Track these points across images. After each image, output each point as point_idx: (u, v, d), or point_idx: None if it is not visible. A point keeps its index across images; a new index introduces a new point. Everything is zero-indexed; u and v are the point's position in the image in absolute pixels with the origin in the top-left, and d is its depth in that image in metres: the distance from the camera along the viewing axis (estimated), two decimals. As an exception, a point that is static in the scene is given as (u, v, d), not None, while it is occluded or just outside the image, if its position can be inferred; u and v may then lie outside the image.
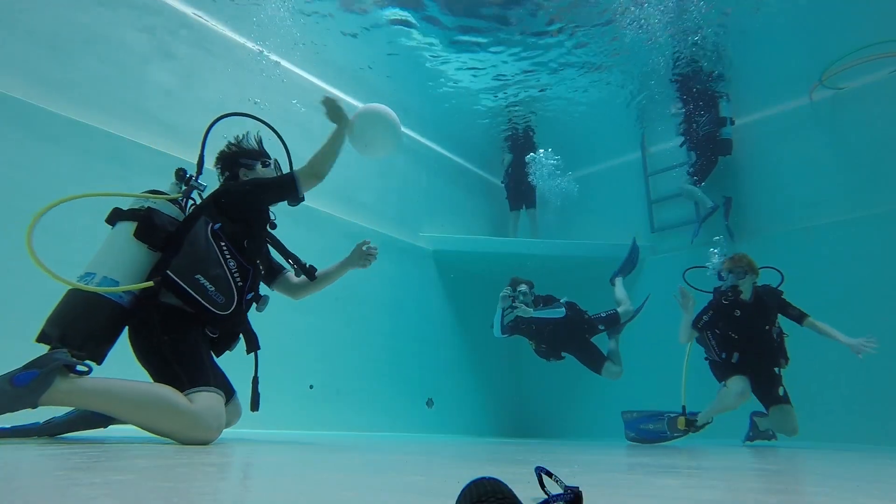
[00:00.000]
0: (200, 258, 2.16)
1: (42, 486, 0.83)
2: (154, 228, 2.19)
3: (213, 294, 2.14)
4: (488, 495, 0.55)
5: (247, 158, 2.62)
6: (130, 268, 2.13)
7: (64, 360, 1.78)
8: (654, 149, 7.14)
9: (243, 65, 4.91)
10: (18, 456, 1.27)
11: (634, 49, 6.01)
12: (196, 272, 2.13)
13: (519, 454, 2.27)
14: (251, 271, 2.35)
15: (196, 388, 1.98)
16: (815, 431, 4.75)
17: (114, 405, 1.88)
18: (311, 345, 4.68)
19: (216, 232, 2.25)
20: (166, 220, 2.26)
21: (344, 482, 1.08)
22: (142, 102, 4.10)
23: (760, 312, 3.99)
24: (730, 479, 1.47)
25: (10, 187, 3.22)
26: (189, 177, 2.39)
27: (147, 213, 2.21)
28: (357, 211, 5.60)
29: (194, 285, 2.11)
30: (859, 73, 5.32)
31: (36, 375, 1.72)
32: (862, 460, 2.36)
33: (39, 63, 3.58)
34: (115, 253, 2.14)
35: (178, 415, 1.88)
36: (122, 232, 2.18)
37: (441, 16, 5.54)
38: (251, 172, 2.60)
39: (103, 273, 2.06)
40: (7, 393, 1.69)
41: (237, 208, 2.39)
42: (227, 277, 2.20)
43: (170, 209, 2.30)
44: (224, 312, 2.17)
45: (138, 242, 2.16)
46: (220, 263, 2.20)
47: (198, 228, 2.21)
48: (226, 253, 2.24)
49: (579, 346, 5.08)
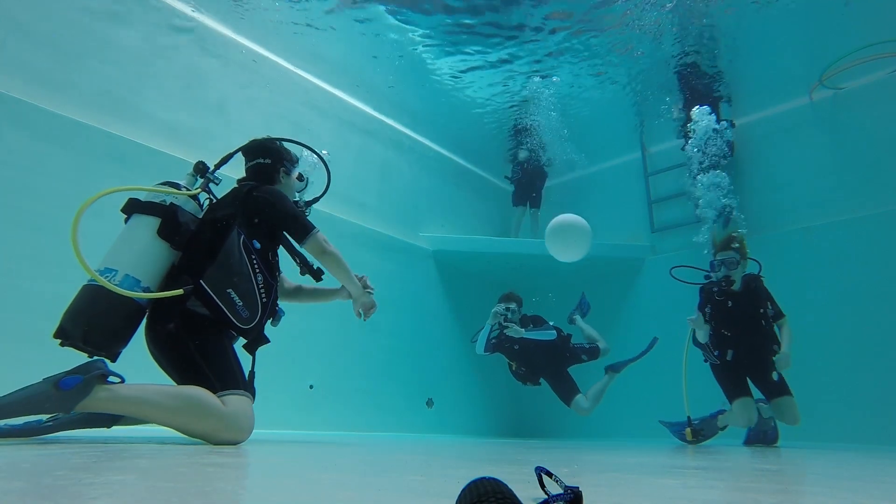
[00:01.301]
0: (235, 272, 2.16)
1: (42, 486, 0.83)
2: (178, 227, 2.17)
3: (241, 309, 2.16)
4: (488, 495, 0.55)
5: (291, 164, 2.68)
6: (153, 266, 2.12)
7: (104, 370, 1.85)
8: (654, 149, 7.14)
9: (243, 64, 4.91)
10: (18, 456, 1.27)
11: (635, 49, 6.01)
12: (229, 286, 2.13)
13: (519, 454, 2.27)
14: (274, 286, 2.37)
15: (228, 390, 2.03)
16: (816, 431, 4.75)
17: (149, 411, 1.92)
18: (311, 345, 4.67)
19: (248, 245, 2.24)
20: (189, 218, 2.25)
21: (344, 482, 1.08)
22: (142, 102, 4.10)
23: (751, 301, 4.00)
24: (730, 479, 1.47)
25: (10, 187, 3.22)
26: (208, 169, 2.37)
27: (171, 209, 2.18)
28: (357, 211, 5.60)
29: (225, 299, 2.12)
30: (859, 73, 5.32)
31: (80, 381, 1.80)
32: (862, 460, 2.36)
33: (39, 63, 3.58)
34: (136, 249, 2.11)
35: (212, 417, 1.94)
36: (144, 227, 2.14)
37: (441, 14, 5.54)
38: (285, 178, 2.65)
39: (125, 271, 2.03)
40: (51, 396, 1.77)
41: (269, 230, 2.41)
42: (254, 293, 2.22)
43: (190, 205, 2.28)
44: (247, 327, 2.19)
45: (161, 240, 2.14)
46: (251, 278, 2.21)
47: (232, 240, 2.20)
48: (255, 268, 2.25)
49: (557, 373, 5.03)
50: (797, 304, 4.41)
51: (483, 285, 6.91)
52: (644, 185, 7.03)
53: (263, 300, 2.26)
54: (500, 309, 4.88)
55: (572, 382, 5.01)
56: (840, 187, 5.41)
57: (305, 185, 2.75)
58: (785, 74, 5.86)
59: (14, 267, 3.08)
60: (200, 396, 1.95)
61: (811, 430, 4.80)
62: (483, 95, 6.89)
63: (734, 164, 6.20)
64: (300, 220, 2.46)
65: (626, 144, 7.33)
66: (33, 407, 1.77)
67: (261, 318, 2.25)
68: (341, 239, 5.30)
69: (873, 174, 5.21)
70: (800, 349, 4.16)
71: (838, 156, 5.52)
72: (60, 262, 2.00)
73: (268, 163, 2.63)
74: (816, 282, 5.14)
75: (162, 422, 1.95)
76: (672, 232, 6.68)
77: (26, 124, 3.37)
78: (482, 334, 4.94)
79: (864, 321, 4.89)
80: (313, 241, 2.44)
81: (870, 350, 4.81)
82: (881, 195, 5.10)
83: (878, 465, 2.08)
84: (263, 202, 2.39)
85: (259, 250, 2.29)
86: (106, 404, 1.85)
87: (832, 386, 4.87)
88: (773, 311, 4.02)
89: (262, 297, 2.25)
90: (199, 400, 1.94)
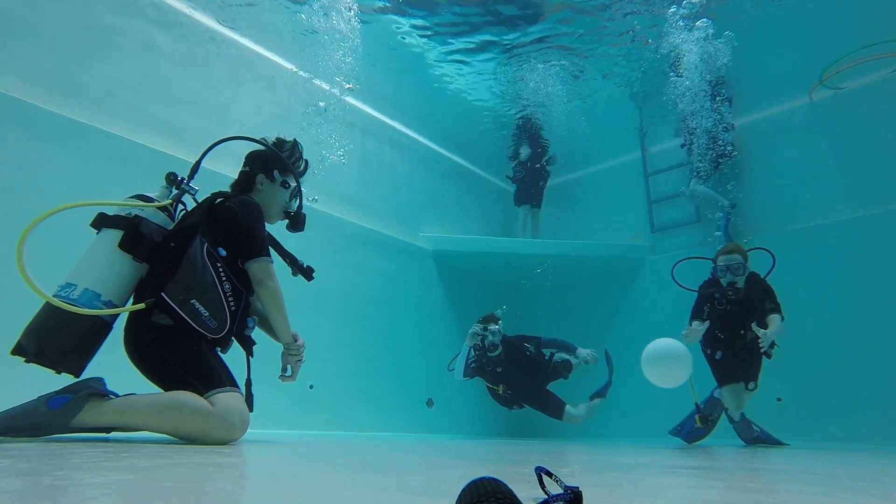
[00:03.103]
0: (197, 282, 2.09)
1: (42, 486, 0.83)
2: (140, 239, 2.12)
3: (207, 319, 2.11)
4: (488, 495, 0.55)
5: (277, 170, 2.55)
6: (114, 280, 2.07)
7: (95, 389, 1.91)
8: (654, 149, 7.14)
9: (244, 64, 4.91)
10: (18, 456, 1.27)
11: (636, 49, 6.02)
12: (192, 297, 2.07)
13: (519, 454, 2.27)
14: (244, 294, 2.31)
15: (213, 390, 2.02)
16: (816, 431, 4.76)
17: (141, 419, 1.95)
18: (310, 345, 4.63)
19: (212, 253, 2.18)
20: (153, 230, 2.18)
21: (343, 482, 1.08)
22: (142, 102, 4.10)
23: (749, 308, 3.95)
24: (730, 479, 1.47)
25: (11, 187, 3.22)
26: (181, 180, 2.31)
27: (134, 221, 2.13)
28: (357, 211, 5.61)
29: (189, 310, 2.06)
30: (859, 73, 5.32)
31: (69, 400, 1.85)
32: (862, 460, 2.36)
33: (39, 63, 3.58)
34: (98, 263, 2.07)
35: (203, 418, 1.94)
36: (106, 241, 2.10)
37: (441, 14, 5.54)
38: (268, 185, 2.53)
39: (85, 285, 2.00)
40: (42, 414, 1.82)
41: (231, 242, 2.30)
42: (221, 302, 2.16)
43: (158, 217, 2.22)
44: (215, 336, 2.16)
45: (123, 253, 2.09)
46: (216, 287, 2.15)
47: (194, 249, 2.12)
48: (221, 276, 2.19)
49: (539, 393, 4.94)
50: (797, 305, 4.41)
51: (483, 285, 6.91)
52: (644, 185, 7.03)
53: (232, 308, 2.20)
54: (477, 330, 4.69)
55: (556, 397, 4.96)
56: (840, 187, 5.41)
57: (293, 190, 2.61)
58: (785, 74, 5.86)
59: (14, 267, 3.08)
60: (187, 399, 1.96)
61: (812, 430, 4.80)
62: (483, 95, 6.90)
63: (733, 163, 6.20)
64: (255, 239, 2.32)
65: (626, 144, 7.33)
66: (25, 425, 1.80)
67: (231, 327, 2.20)
68: (341, 239, 5.32)
69: (873, 174, 5.21)
70: (800, 349, 4.17)
71: (838, 156, 5.52)
72: (61, 264, 1.99)
73: (245, 170, 2.55)
74: (817, 282, 5.14)
75: (154, 428, 1.98)
76: (672, 232, 6.68)
77: (26, 124, 3.37)
78: (459, 359, 4.72)
79: (865, 321, 4.89)
80: (258, 267, 2.29)
81: (870, 350, 4.81)
82: (881, 195, 5.10)
83: (878, 465, 2.08)
84: (227, 212, 2.30)
85: (225, 258, 2.23)
86: (97, 418, 1.89)
87: (833, 386, 4.87)
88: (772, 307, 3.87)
89: (230, 306, 2.19)
90: (187, 403, 1.95)
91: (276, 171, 2.56)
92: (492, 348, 4.71)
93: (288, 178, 2.59)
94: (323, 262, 5.12)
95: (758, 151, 6.12)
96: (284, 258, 2.62)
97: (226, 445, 1.94)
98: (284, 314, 2.41)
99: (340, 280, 5.14)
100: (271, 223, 2.61)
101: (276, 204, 2.58)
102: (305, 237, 4.08)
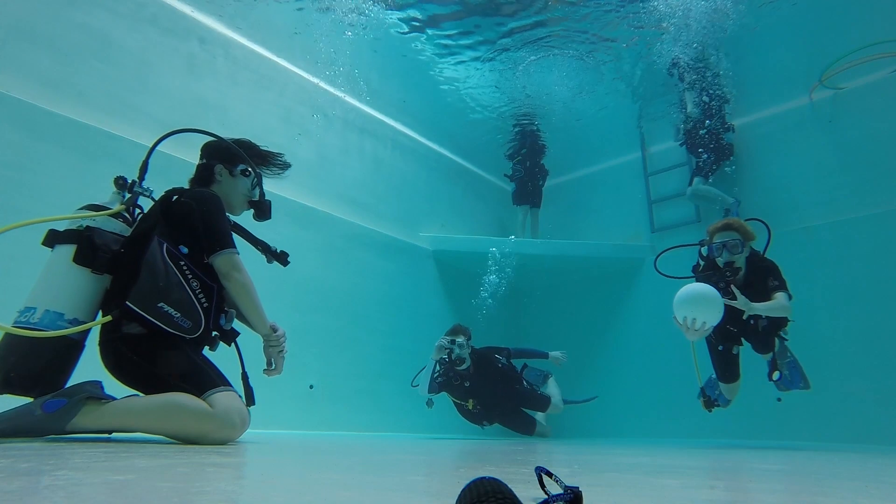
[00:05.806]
0: (161, 285, 2.01)
1: (42, 486, 0.83)
2: (95, 250, 2.02)
3: (180, 320, 2.04)
4: (488, 495, 0.55)
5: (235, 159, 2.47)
6: (75, 297, 2.00)
7: (91, 392, 1.89)
8: (654, 149, 7.14)
9: (243, 64, 4.91)
10: (18, 456, 1.27)
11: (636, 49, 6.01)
12: (158, 300, 1.99)
13: (519, 454, 2.27)
14: (215, 289, 2.22)
15: (209, 391, 2.00)
16: (817, 431, 4.76)
17: (139, 422, 1.94)
18: (311, 345, 4.67)
19: (173, 252, 2.10)
20: (109, 239, 2.09)
21: (344, 482, 1.08)
22: (142, 103, 4.10)
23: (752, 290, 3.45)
24: (730, 479, 1.47)
25: (11, 187, 3.22)
26: (131, 183, 2.23)
27: (86, 233, 2.03)
28: (357, 211, 5.61)
29: (157, 314, 1.98)
30: (859, 73, 5.32)
31: (64, 404, 1.82)
32: (862, 460, 2.36)
33: (39, 63, 3.58)
34: (55, 282, 2.00)
35: (202, 419, 1.93)
36: (61, 257, 2.02)
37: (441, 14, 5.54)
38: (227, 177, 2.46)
39: (45, 306, 1.93)
40: (37, 417, 1.79)
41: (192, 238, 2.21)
42: (191, 300, 2.08)
43: (112, 225, 2.13)
44: (192, 336, 2.09)
45: (80, 268, 2.00)
46: (182, 286, 2.07)
47: (153, 252, 2.04)
48: (187, 273, 2.10)
49: (512, 410, 4.87)
50: (797, 305, 4.38)
51: (483, 285, 6.90)
52: (644, 185, 7.03)
53: (204, 305, 2.13)
54: (444, 342, 4.46)
55: (528, 416, 4.93)
56: (840, 187, 5.41)
57: (254, 180, 2.51)
58: (785, 74, 5.85)
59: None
60: (186, 401, 1.94)
61: (812, 429, 4.80)
62: (483, 94, 6.89)
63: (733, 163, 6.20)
64: (216, 231, 2.21)
65: (626, 144, 7.33)
66: (21, 428, 1.78)
67: (208, 324, 2.14)
68: (341, 239, 5.32)
69: (874, 174, 5.21)
70: (800, 349, 4.15)
71: (838, 156, 5.52)
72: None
73: (203, 162, 2.49)
74: (817, 282, 5.13)
75: (152, 430, 1.95)
76: (672, 232, 6.67)
77: (26, 124, 3.37)
78: (424, 374, 4.46)
79: (865, 321, 4.89)
80: (222, 260, 2.19)
81: (871, 350, 4.81)
82: (882, 195, 5.10)
83: (878, 465, 2.08)
84: (184, 207, 2.21)
85: (189, 255, 2.15)
86: (94, 422, 1.87)
87: (833, 386, 4.87)
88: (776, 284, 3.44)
89: (201, 303, 2.12)
90: (186, 405, 1.93)
91: (234, 160, 2.49)
92: (458, 362, 4.47)
93: (247, 167, 2.51)
94: (323, 262, 5.14)
95: (757, 151, 6.11)
96: (256, 245, 2.54)
97: (225, 445, 1.94)
98: (257, 305, 2.31)
99: (340, 280, 5.13)
100: (236, 214, 2.53)
101: (238, 194, 2.50)
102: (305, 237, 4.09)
